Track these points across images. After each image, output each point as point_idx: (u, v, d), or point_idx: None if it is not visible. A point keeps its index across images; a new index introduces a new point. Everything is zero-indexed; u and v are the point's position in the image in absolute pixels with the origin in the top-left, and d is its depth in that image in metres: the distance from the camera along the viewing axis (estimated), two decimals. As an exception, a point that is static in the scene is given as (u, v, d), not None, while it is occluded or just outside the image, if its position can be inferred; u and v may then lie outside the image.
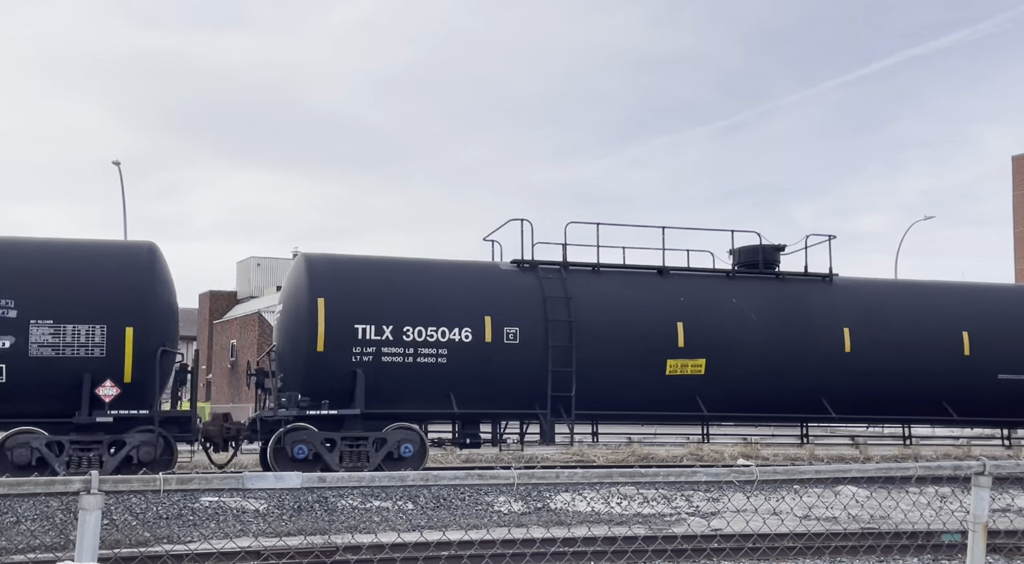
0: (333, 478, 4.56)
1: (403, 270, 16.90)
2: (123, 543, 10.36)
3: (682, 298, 17.70)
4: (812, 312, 18.43)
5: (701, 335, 17.44)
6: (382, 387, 15.84)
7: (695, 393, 17.34)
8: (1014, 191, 45.91)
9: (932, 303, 19.33)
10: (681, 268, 18.39)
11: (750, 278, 18.67)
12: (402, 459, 15.68)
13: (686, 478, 5.14)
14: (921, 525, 9.30)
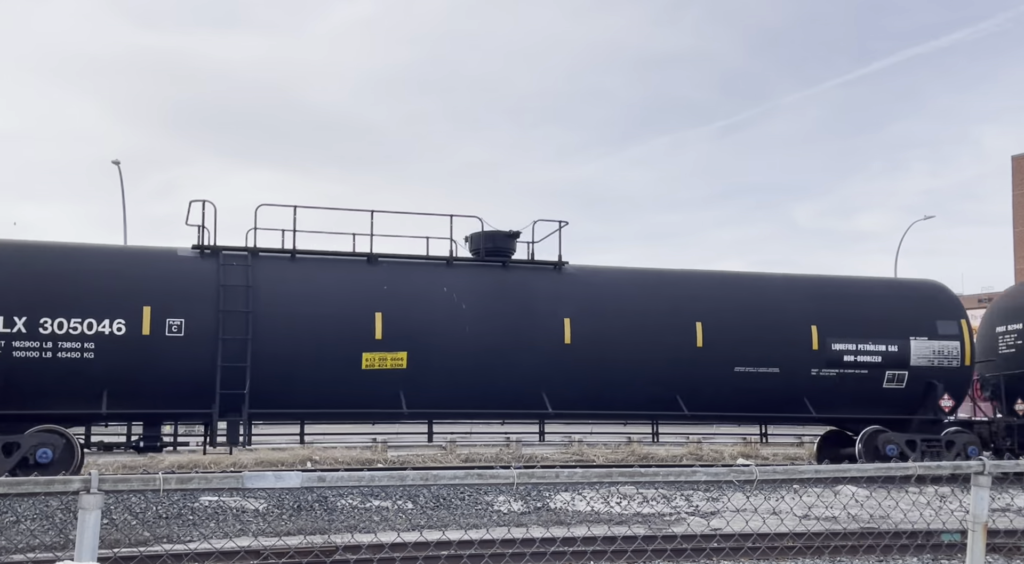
0: (333, 478, 4.57)
1: (44, 255, 15.27)
2: (123, 542, 10.36)
3: (386, 286, 16.31)
4: (534, 302, 16.98)
5: (403, 326, 15.96)
6: (15, 385, 14.24)
7: (399, 389, 15.93)
8: (1014, 191, 45.93)
9: (667, 292, 17.76)
10: (393, 255, 16.90)
11: (472, 266, 17.26)
12: (40, 465, 14.03)
13: (686, 478, 5.15)
14: (921, 525, 9.31)
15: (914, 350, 18.21)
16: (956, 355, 18.36)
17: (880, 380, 18.04)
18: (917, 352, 18.21)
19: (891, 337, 18.16)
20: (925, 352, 18.25)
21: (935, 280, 19.71)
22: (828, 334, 17.92)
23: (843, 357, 17.89)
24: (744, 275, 19.19)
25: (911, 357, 18.14)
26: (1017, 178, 45.72)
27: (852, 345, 17.98)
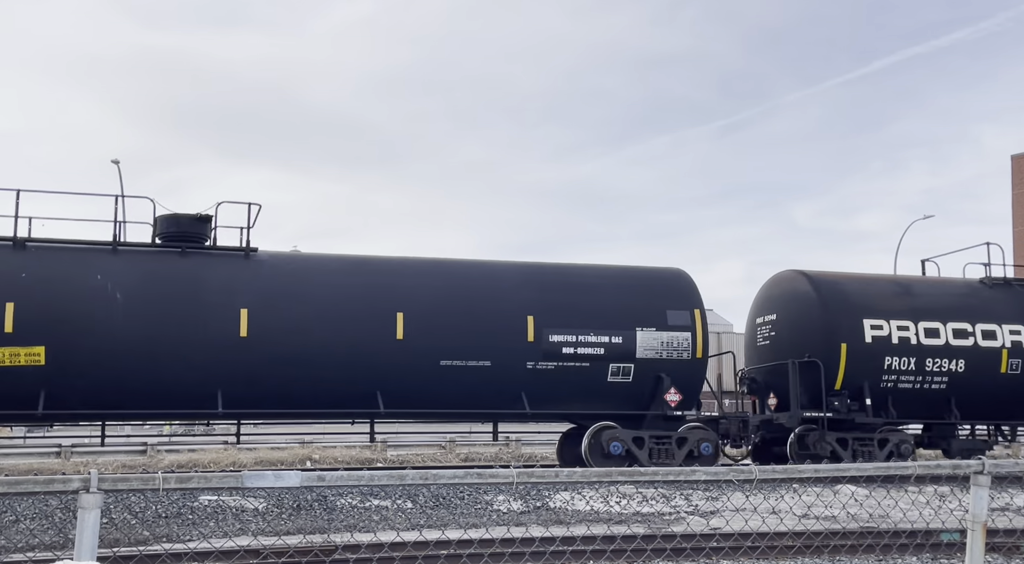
0: (332, 477, 4.57)
1: None
2: (122, 542, 10.36)
3: (24, 274, 14.72)
4: (209, 291, 15.43)
5: (41, 318, 14.42)
6: None
7: (40, 388, 14.33)
8: (1013, 190, 45.92)
9: (367, 280, 16.28)
10: (45, 239, 15.28)
11: (142, 253, 15.68)
12: None
13: (685, 477, 5.16)
14: (920, 524, 9.31)
15: (640, 341, 16.87)
16: (687, 347, 17.07)
17: (604, 373, 16.76)
18: (644, 344, 16.88)
19: (616, 328, 16.87)
20: (652, 344, 16.93)
21: (678, 268, 18.31)
22: (546, 325, 16.57)
23: (562, 349, 16.55)
24: (457, 262, 17.56)
25: (637, 349, 16.82)
26: (1017, 177, 45.72)
27: (572, 336, 16.65)
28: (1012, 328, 18.92)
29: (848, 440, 17.69)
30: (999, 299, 19.37)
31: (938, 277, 20.37)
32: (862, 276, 19.70)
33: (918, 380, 18.31)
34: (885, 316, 18.29)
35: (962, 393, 18.42)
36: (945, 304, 18.94)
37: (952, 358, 18.43)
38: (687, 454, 16.69)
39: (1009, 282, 19.74)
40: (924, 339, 18.33)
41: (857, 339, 18.00)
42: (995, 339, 18.75)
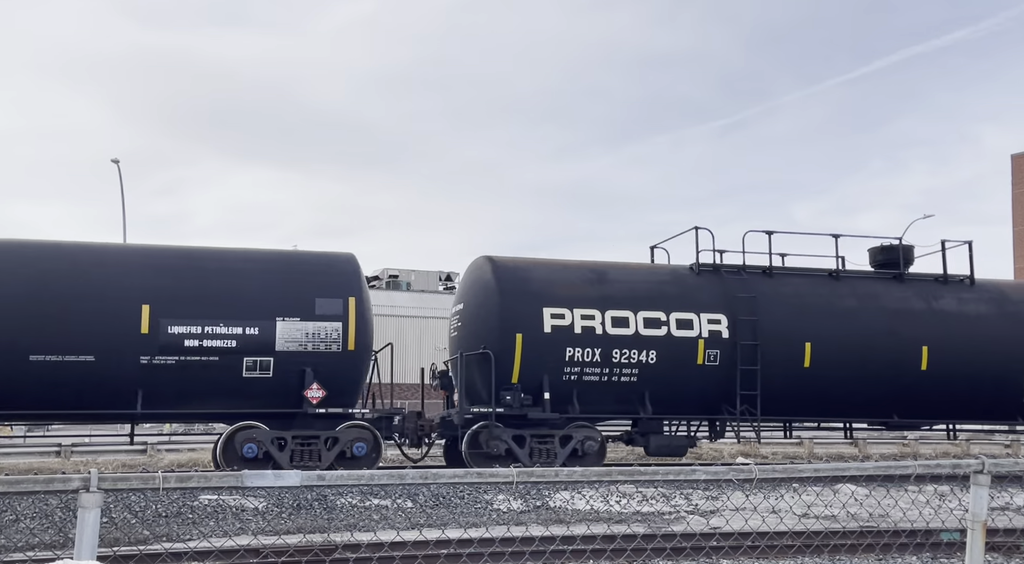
0: (332, 476, 4.56)
1: None
2: (122, 541, 10.36)
3: None
4: None
5: None
6: None
7: None
8: (1013, 190, 45.94)
9: None
10: None
11: None
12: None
13: (685, 476, 5.15)
14: (920, 523, 9.32)
15: (281, 333, 15.51)
16: (336, 338, 15.71)
17: (239, 368, 15.31)
18: (285, 335, 15.53)
19: (252, 318, 15.42)
20: (296, 335, 15.57)
21: (348, 253, 16.78)
22: (164, 315, 15.06)
23: (184, 342, 15.09)
24: (53, 245, 15.68)
25: (277, 341, 15.48)
26: (1016, 177, 45.73)
27: (197, 328, 15.16)
28: (711, 317, 17.50)
29: (525, 437, 16.45)
30: (703, 287, 17.94)
31: (646, 264, 18.94)
32: (554, 262, 18.18)
33: (605, 373, 16.89)
34: (569, 304, 16.88)
35: (656, 386, 17.05)
36: (639, 292, 17.46)
37: (642, 349, 16.97)
38: (339, 455, 15.54)
39: (718, 268, 18.27)
40: (611, 329, 16.87)
41: (535, 329, 16.60)
42: (691, 328, 17.32)
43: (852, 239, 19.73)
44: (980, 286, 19.43)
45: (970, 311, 18.95)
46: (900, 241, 19.39)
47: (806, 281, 18.71)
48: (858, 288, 18.79)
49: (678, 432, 18.45)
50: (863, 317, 18.27)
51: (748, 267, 18.53)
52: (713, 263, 18.35)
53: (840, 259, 19.04)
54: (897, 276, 19.15)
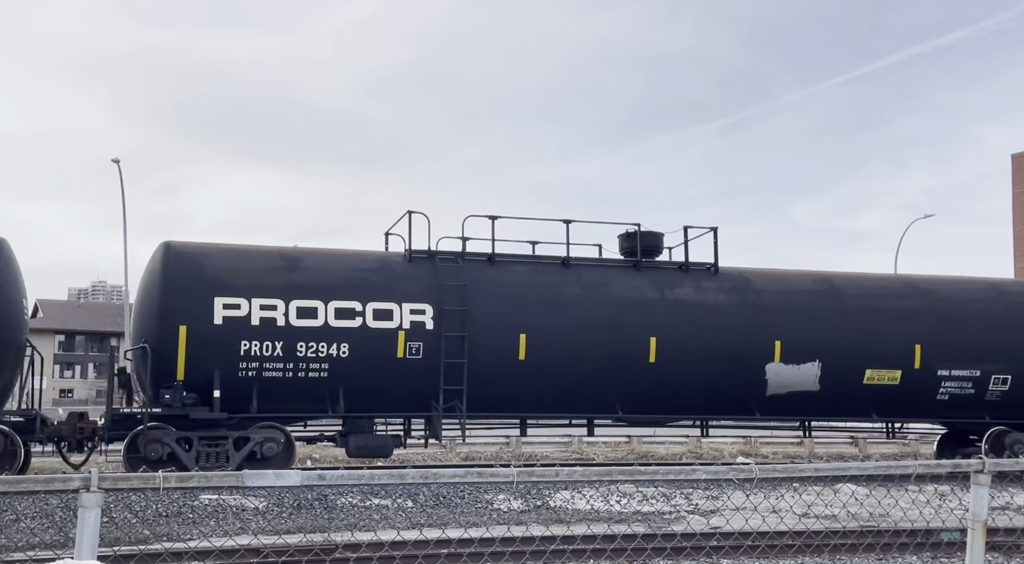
0: (333, 476, 4.57)
1: None
2: (123, 541, 10.36)
3: None
4: None
5: None
6: None
7: None
8: (1014, 189, 45.95)
9: None
10: None
11: None
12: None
13: (685, 476, 5.15)
14: (920, 523, 9.31)
15: None
16: None
17: None
18: None
19: None
20: None
21: None
22: None
23: None
24: None
25: None
26: (1017, 176, 45.72)
27: None
28: (415, 306, 16.16)
29: (193, 440, 15.03)
30: (411, 275, 16.58)
31: (352, 251, 17.25)
32: (241, 248, 16.68)
33: (290, 368, 15.49)
34: (247, 293, 15.51)
35: (352, 382, 15.71)
36: (333, 280, 16.06)
37: (333, 342, 15.61)
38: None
39: (432, 255, 16.86)
40: (296, 320, 15.51)
41: (204, 321, 15.26)
42: (391, 319, 15.98)
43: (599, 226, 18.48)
44: (724, 274, 18.25)
45: (709, 300, 17.73)
46: (639, 227, 18.04)
47: (531, 269, 17.36)
48: (587, 277, 17.45)
49: (390, 431, 16.83)
50: (587, 307, 17.00)
51: (468, 254, 17.14)
52: (428, 250, 16.91)
53: (572, 246, 17.58)
54: (635, 264, 17.88)
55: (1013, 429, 18.34)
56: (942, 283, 19.74)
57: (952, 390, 18.47)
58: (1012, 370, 18.61)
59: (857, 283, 19.11)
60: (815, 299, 18.47)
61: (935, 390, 18.40)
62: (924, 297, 19.02)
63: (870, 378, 18.06)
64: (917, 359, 18.26)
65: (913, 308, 18.75)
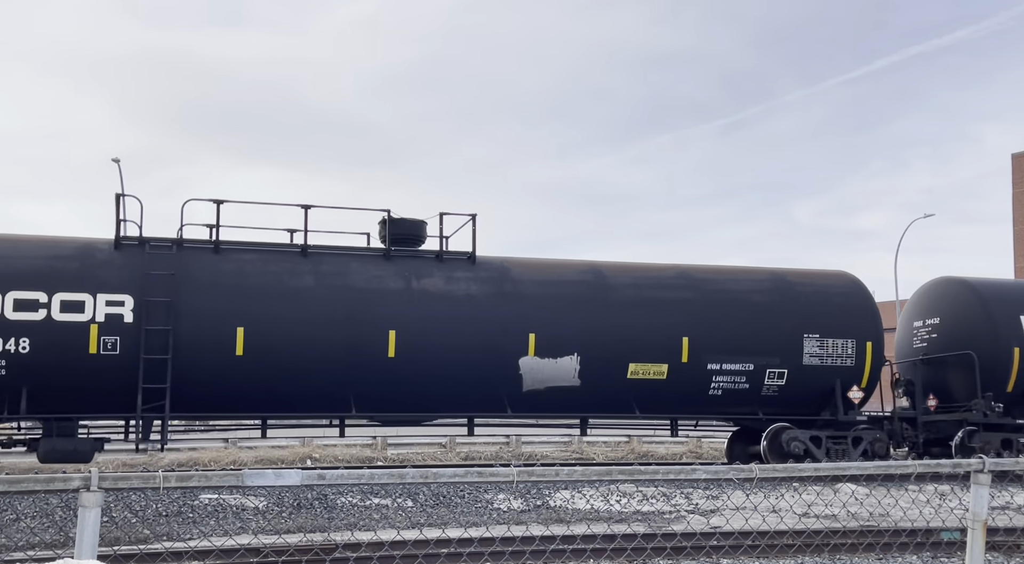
0: (333, 475, 4.56)
1: None
2: (123, 540, 10.36)
3: None
4: None
5: None
6: None
7: None
8: (1014, 188, 45.93)
9: None
10: None
11: None
12: None
13: (686, 476, 5.15)
14: (920, 523, 9.32)
15: None
16: None
17: None
18: None
19: None
20: None
21: None
22: None
23: None
24: None
25: None
26: (1017, 176, 45.71)
27: None
28: (113, 297, 14.76)
29: None
30: (112, 263, 15.15)
31: (49, 236, 15.58)
32: None
33: None
34: None
35: (37, 381, 14.25)
36: (16, 268, 14.64)
37: (11, 336, 14.28)
38: None
39: (144, 242, 15.33)
40: None
41: None
42: (82, 312, 14.59)
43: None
44: (481, 264, 16.86)
45: (460, 291, 16.47)
46: (389, 214, 16.71)
47: (259, 257, 15.97)
48: (325, 266, 16.14)
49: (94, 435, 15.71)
50: (319, 298, 15.76)
51: (187, 241, 15.76)
52: (140, 237, 15.38)
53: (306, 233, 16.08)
54: (385, 253, 16.47)
55: (794, 425, 17.32)
56: (719, 273, 18.20)
57: (725, 385, 17.16)
58: (788, 364, 17.42)
59: (627, 273, 17.62)
60: (578, 290, 16.96)
61: (706, 385, 17.06)
62: (696, 287, 17.58)
63: (634, 372, 16.69)
64: (685, 352, 16.90)
65: (684, 299, 17.32)
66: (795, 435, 17.11)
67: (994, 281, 20.11)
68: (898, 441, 18.08)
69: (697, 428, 19.12)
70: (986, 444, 17.80)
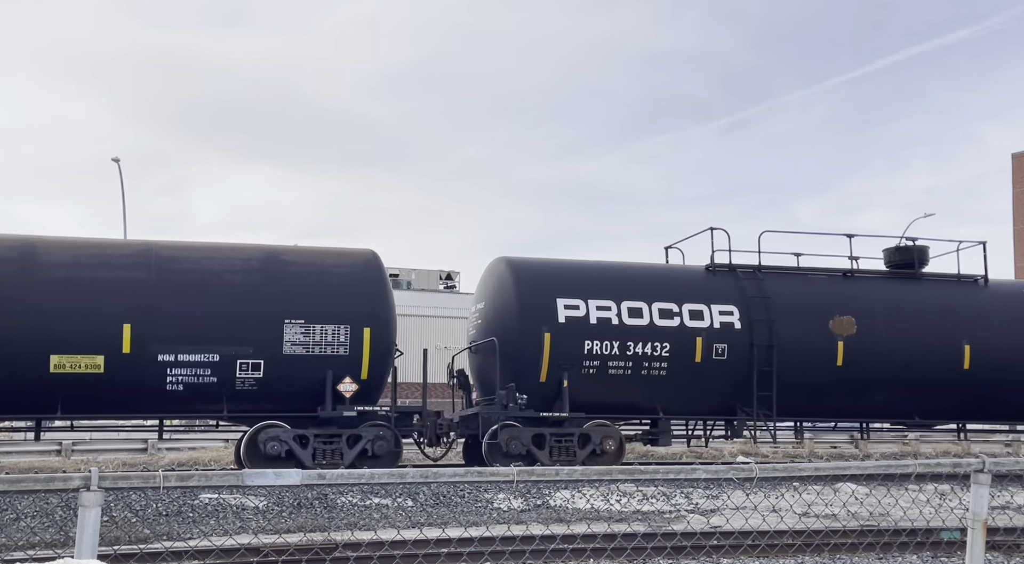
0: (333, 475, 4.56)
1: None
2: (123, 540, 10.36)
3: None
4: None
5: None
6: None
7: None
8: (1014, 188, 45.93)
9: None
10: None
11: None
12: None
13: (686, 475, 5.15)
14: (920, 522, 9.32)
15: None
16: None
17: None
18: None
19: None
20: None
21: None
22: None
23: None
24: None
25: None
26: (1017, 176, 45.71)
27: None
28: None
29: None
30: None
31: None
32: None
33: None
34: None
35: None
36: None
37: None
38: None
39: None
40: None
41: None
42: None
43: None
44: None
45: None
46: None
47: None
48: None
49: None
50: None
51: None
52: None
53: None
54: None
55: (290, 424, 15.39)
56: (193, 250, 15.87)
57: (186, 379, 15.03)
58: (264, 353, 15.29)
59: (67, 249, 15.28)
60: None
61: (162, 379, 14.91)
62: (156, 267, 15.27)
63: (59, 366, 14.51)
64: (127, 342, 14.66)
65: (133, 280, 15.08)
66: (276, 435, 15.18)
67: (538, 261, 17.80)
68: (431, 438, 16.81)
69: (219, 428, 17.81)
70: (511, 439, 16.05)
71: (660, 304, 17.28)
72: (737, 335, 17.56)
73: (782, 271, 18.80)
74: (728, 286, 18.04)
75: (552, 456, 16.36)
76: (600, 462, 16.45)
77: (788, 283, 18.54)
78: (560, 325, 16.67)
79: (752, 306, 17.67)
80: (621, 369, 16.99)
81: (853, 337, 18.05)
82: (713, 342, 17.39)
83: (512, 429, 16.28)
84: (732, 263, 18.43)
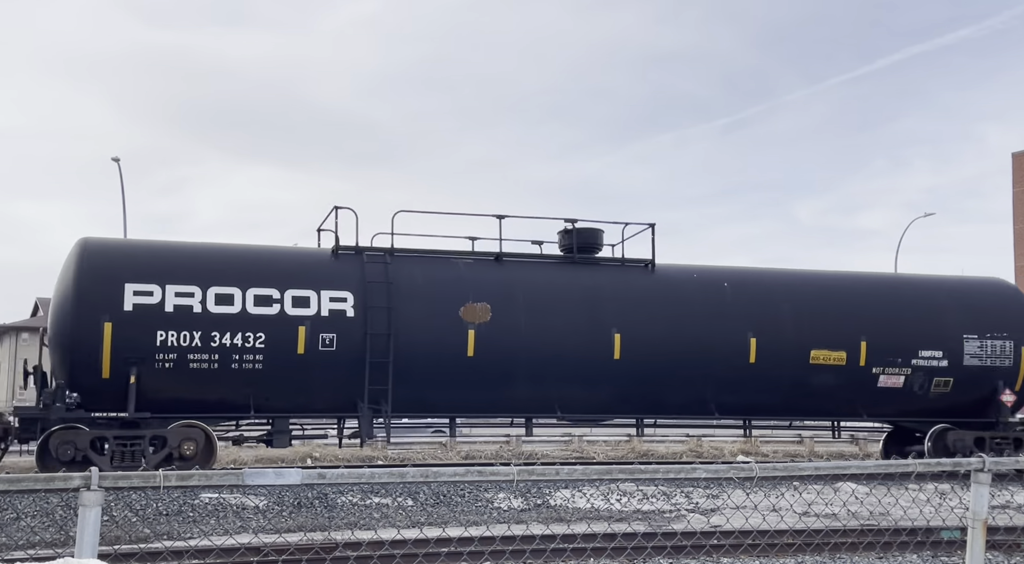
0: (333, 474, 4.56)
1: None
2: (123, 539, 10.36)
3: None
4: None
5: None
6: None
7: None
8: (1014, 187, 45.92)
9: None
10: None
11: None
12: None
13: (686, 475, 5.14)
14: (921, 522, 9.31)
15: None
16: None
17: None
18: None
19: None
20: None
21: None
22: None
23: None
24: None
25: None
26: (1017, 175, 45.70)
27: None
28: None
29: None
30: None
31: None
32: None
33: None
34: None
35: None
36: None
37: None
38: None
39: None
40: None
41: None
42: None
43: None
44: None
45: None
46: None
47: None
48: None
49: None
50: None
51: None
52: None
53: None
54: None
55: None
56: None
57: None
58: None
59: None
60: None
61: None
62: None
63: None
64: None
65: None
66: None
67: (116, 241, 16.44)
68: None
69: None
70: (63, 444, 14.32)
71: (257, 290, 15.36)
72: (349, 323, 15.60)
73: (418, 254, 16.81)
74: (347, 270, 16.12)
75: (115, 461, 14.32)
76: (184, 467, 14.26)
77: (422, 268, 16.55)
78: (126, 313, 14.73)
79: (371, 292, 15.76)
80: (206, 363, 15.03)
81: (486, 325, 16.17)
82: (320, 332, 15.42)
83: (68, 432, 14.41)
84: (359, 246, 16.45)
